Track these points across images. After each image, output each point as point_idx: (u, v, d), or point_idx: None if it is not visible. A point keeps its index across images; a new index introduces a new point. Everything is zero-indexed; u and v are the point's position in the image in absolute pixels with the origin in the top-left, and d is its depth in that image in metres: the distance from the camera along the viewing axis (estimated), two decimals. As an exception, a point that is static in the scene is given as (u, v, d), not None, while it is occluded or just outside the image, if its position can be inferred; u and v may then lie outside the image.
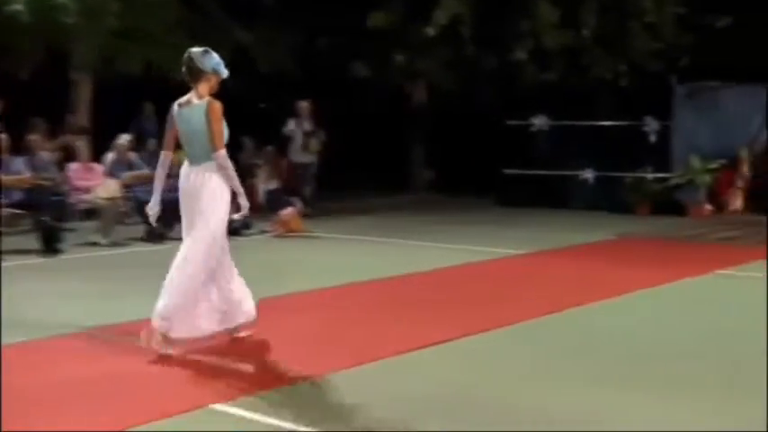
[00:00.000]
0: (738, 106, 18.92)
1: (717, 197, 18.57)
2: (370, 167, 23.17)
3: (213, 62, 7.56)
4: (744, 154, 18.63)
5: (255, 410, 5.97)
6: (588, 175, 19.56)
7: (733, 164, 18.80)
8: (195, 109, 7.52)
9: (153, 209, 7.85)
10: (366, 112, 23.57)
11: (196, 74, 7.54)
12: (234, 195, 7.56)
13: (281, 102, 19.47)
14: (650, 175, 18.81)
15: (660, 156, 18.70)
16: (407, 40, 19.05)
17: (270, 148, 19.00)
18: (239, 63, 13.17)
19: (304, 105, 18.91)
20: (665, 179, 18.61)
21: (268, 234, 15.17)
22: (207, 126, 7.42)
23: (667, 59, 19.46)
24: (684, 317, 8.92)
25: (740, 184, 18.37)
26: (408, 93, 22.71)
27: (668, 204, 18.28)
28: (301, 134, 18.82)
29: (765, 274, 10.71)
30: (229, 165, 7.44)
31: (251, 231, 15.23)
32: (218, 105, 7.48)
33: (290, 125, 18.91)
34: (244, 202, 7.51)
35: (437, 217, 17.53)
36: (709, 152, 18.50)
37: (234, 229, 10.65)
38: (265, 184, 17.46)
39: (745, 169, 18.51)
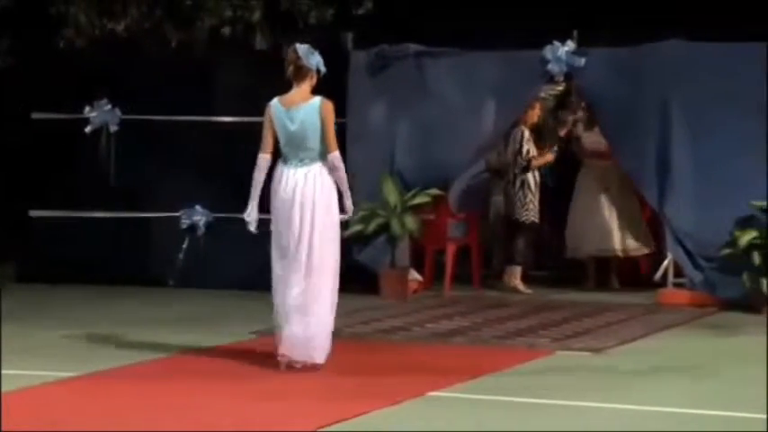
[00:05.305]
0: (471, 85, 14.30)
1: (426, 255, 14.71)
2: None
3: (317, 60, 8.81)
4: None
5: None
6: (197, 217, 14.67)
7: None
8: (306, 108, 8.79)
9: (251, 215, 9.15)
10: None
11: (302, 72, 8.81)
12: (340, 196, 8.98)
13: None
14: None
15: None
16: None
17: None
18: None
19: None
20: (339, 225, 14.58)
21: None
22: (321, 126, 8.70)
23: (339, 3, 14.99)
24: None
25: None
26: None
27: (346, 272, 13.37)
28: None
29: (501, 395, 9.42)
30: (343, 166, 8.91)
31: None
32: (331, 105, 8.82)
33: None
34: (350, 204, 9.00)
35: None
36: (419, 172, 14.32)
37: None
38: None
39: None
